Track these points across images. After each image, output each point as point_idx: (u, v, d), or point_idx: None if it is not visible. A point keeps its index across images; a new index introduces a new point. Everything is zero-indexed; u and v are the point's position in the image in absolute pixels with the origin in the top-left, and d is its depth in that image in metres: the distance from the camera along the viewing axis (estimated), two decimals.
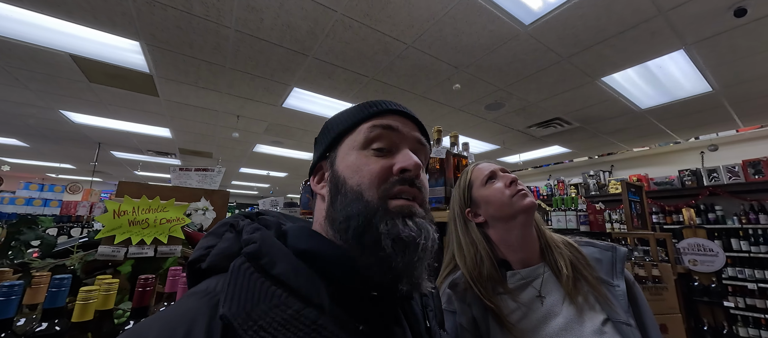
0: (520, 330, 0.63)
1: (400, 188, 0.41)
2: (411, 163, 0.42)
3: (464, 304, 0.68)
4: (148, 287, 0.66)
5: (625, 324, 0.61)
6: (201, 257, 0.38)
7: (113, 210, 0.83)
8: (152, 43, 2.35)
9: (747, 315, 3.68)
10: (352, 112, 0.47)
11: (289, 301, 0.31)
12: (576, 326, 0.62)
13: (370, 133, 0.43)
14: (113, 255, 0.81)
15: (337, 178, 0.42)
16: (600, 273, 0.68)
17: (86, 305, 0.60)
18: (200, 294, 0.32)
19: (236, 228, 0.40)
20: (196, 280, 0.37)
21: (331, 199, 0.42)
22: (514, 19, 2.06)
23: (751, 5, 1.87)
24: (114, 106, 3.62)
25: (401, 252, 0.37)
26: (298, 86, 3.03)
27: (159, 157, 6.19)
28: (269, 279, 0.32)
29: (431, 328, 0.45)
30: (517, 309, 0.66)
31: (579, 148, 4.98)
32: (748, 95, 3.05)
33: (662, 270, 2.33)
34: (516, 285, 0.69)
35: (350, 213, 0.39)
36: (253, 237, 0.36)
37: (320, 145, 0.48)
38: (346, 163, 0.43)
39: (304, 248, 0.37)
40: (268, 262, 0.33)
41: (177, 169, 2.52)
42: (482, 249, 0.72)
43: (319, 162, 0.48)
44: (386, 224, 0.38)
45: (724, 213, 4.06)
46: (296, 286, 0.32)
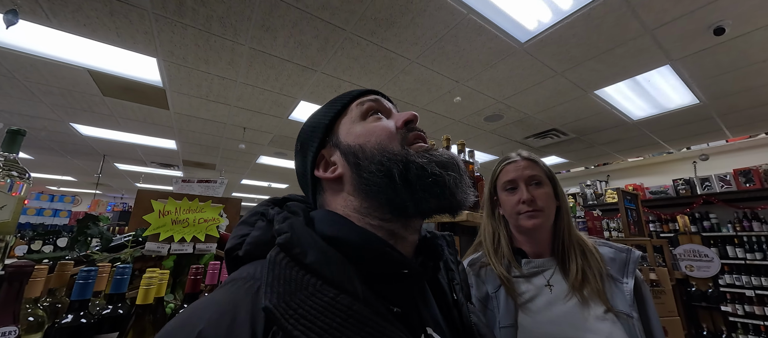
0: (529, 308, 0.71)
1: (413, 135, 0.45)
2: (411, 115, 0.46)
3: (480, 280, 0.77)
4: (198, 275, 0.75)
5: (626, 315, 0.66)
6: (237, 245, 0.40)
7: (158, 210, 0.92)
8: (169, 59, 2.48)
9: (747, 323, 3.73)
10: (332, 102, 0.50)
11: (324, 289, 0.32)
12: (580, 311, 0.68)
13: (363, 106, 0.47)
14: (158, 250, 0.89)
15: (353, 149, 0.44)
16: (611, 271, 0.74)
17: (149, 289, 0.68)
18: (241, 280, 0.34)
19: (267, 217, 0.41)
20: (235, 266, 0.39)
21: (356, 170, 0.43)
22: (511, 37, 2.21)
23: (728, 25, 2.03)
24: (124, 119, 3.72)
25: (448, 170, 0.41)
26: (305, 99, 3.15)
27: (162, 169, 6.25)
28: (303, 269, 0.33)
29: (458, 300, 0.46)
30: (528, 290, 0.74)
31: (575, 158, 5.12)
32: (735, 107, 3.20)
33: (659, 274, 2.41)
34: (529, 272, 0.77)
35: (387, 165, 0.41)
36: (284, 227, 0.37)
37: (312, 141, 0.48)
38: (356, 133, 0.45)
39: (332, 234, 0.38)
40: (300, 252, 0.34)
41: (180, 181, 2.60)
42: (502, 236, 0.82)
43: (318, 152, 0.48)
44: (422, 157, 0.42)
45: (719, 221, 4.16)
46: (329, 274, 0.33)
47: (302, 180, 0.51)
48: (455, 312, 0.45)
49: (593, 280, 0.72)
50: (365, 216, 0.42)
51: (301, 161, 0.51)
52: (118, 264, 0.70)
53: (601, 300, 0.69)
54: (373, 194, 0.42)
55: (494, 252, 0.79)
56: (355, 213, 0.43)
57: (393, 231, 0.42)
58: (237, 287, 0.33)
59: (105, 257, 0.77)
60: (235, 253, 0.40)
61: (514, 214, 0.79)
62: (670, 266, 2.70)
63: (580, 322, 0.67)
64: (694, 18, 1.99)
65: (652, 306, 0.73)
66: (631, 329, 0.65)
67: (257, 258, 0.38)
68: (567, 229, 0.79)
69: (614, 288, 0.72)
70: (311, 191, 0.49)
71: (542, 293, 0.74)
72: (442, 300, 0.45)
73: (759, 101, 3.07)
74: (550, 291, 0.74)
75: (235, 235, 0.42)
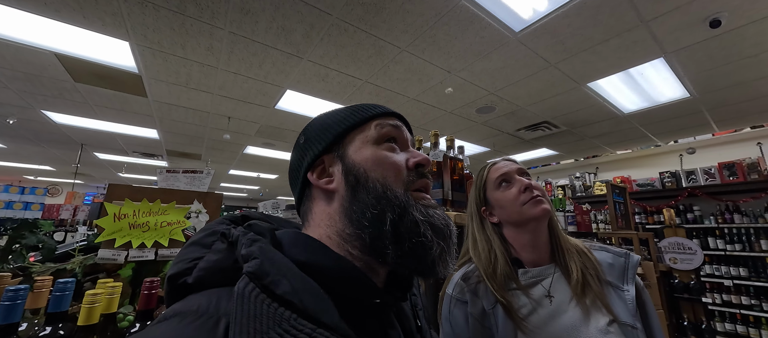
0: (529, 323, 0.66)
1: (421, 182, 0.43)
2: (425, 159, 0.43)
3: (476, 296, 0.71)
4: (153, 290, 0.67)
5: (630, 326, 0.62)
6: (185, 271, 0.34)
7: (113, 214, 0.83)
8: (143, 43, 2.32)
9: (724, 311, 3.86)
10: (353, 110, 0.46)
11: (299, 324, 0.28)
12: (582, 325, 0.64)
13: (383, 129, 0.44)
14: (114, 258, 0.80)
15: (356, 170, 0.41)
16: (611, 278, 0.70)
17: (92, 308, 0.60)
18: (190, 315, 0.28)
19: (228, 238, 0.36)
20: (179, 296, 0.33)
21: (351, 193, 0.40)
22: (505, 26, 2.12)
23: (724, 17, 1.99)
24: (100, 107, 3.53)
25: (439, 238, 0.38)
26: (292, 88, 3.03)
27: (145, 159, 6.04)
28: (276, 301, 0.29)
29: (422, 327, 0.45)
30: (526, 304, 0.69)
31: (566, 150, 5.13)
32: (723, 101, 3.21)
33: (645, 268, 2.43)
34: (527, 283, 0.72)
35: (383, 205, 0.38)
36: (252, 251, 0.32)
37: (317, 141, 0.45)
38: (364, 155, 0.42)
39: (305, 260, 0.35)
40: (272, 281, 0.30)
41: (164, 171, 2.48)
42: (497, 248, 0.75)
43: (320, 156, 0.44)
44: (420, 213, 0.39)
45: (702, 214, 4.25)
46: (304, 306, 0.30)
47: (293, 175, 0.48)
48: (419, 337, 0.44)
49: (594, 283, 0.68)
50: (346, 242, 0.39)
51: (298, 156, 0.46)
52: (60, 280, 0.62)
53: (603, 307, 0.65)
54: (360, 225, 0.38)
55: (492, 273, 0.72)
56: (337, 236, 0.40)
57: (369, 264, 0.40)
58: (185, 323, 0.28)
59: (48, 269, 0.69)
60: (182, 280, 0.34)
61: (518, 206, 0.74)
62: (655, 259, 2.73)
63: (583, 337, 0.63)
64: (691, 9, 1.93)
65: (655, 314, 0.69)
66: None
67: (211, 287, 0.32)
68: (559, 231, 0.77)
69: (615, 296, 0.67)
70: (299, 190, 0.46)
71: (542, 305, 0.69)
72: (407, 326, 0.43)
73: (748, 96, 3.08)
74: (549, 303, 0.69)
75: (183, 259, 0.36)
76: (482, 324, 0.69)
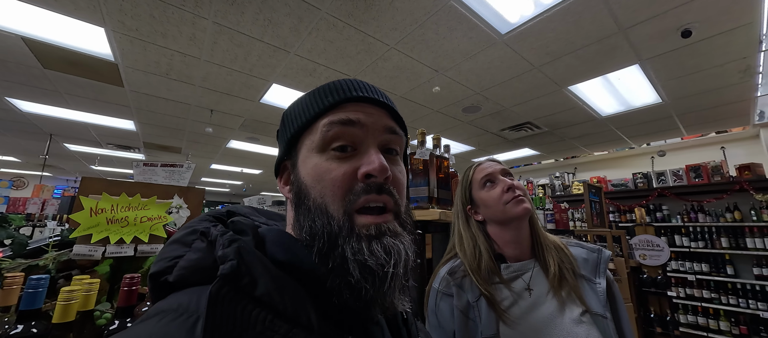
0: (510, 315, 0.70)
1: (367, 198, 0.35)
2: (375, 167, 0.35)
3: (461, 289, 0.74)
4: (133, 286, 0.65)
5: (601, 316, 0.68)
6: (167, 269, 0.33)
7: (90, 208, 0.80)
8: (120, 30, 2.21)
9: (687, 304, 4.13)
10: (307, 102, 0.40)
11: (276, 325, 0.28)
12: (558, 316, 0.69)
13: (327, 132, 0.37)
14: (90, 254, 0.78)
15: (300, 186, 0.38)
16: (585, 272, 0.75)
17: (68, 305, 0.58)
18: (171, 313, 0.28)
19: (208, 237, 0.35)
20: (162, 294, 0.33)
21: (296, 209, 0.38)
22: (492, 28, 2.16)
23: (695, 28, 2.11)
24: (71, 95, 3.34)
25: (369, 281, 0.33)
26: (278, 82, 2.97)
27: (120, 151, 5.77)
28: (252, 302, 0.29)
29: (408, 320, 0.44)
30: (508, 297, 0.73)
31: (547, 150, 5.30)
32: (692, 107, 3.41)
33: (617, 264, 2.56)
34: (509, 276, 0.76)
35: (315, 231, 0.35)
36: (228, 252, 0.31)
37: (281, 140, 0.43)
38: (307, 168, 0.38)
39: (284, 259, 0.34)
40: (248, 282, 0.29)
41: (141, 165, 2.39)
42: (481, 244, 0.78)
43: (282, 161, 0.42)
44: (352, 247, 0.33)
45: (670, 213, 4.51)
46: (282, 307, 0.29)
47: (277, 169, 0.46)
48: (404, 331, 0.43)
49: (569, 276, 0.73)
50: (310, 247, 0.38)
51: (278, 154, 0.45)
52: (33, 276, 0.59)
53: (577, 299, 0.70)
54: (307, 242, 0.36)
55: (477, 268, 0.76)
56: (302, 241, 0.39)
57: None
58: (166, 321, 0.28)
59: (19, 265, 0.66)
60: (163, 278, 0.33)
61: (501, 205, 0.78)
62: (627, 255, 2.88)
63: (559, 328, 0.67)
64: (665, 19, 2.04)
65: (623, 305, 0.75)
66: (605, 330, 0.67)
67: (193, 285, 0.32)
68: (539, 228, 0.81)
69: (588, 288, 0.73)
70: None
71: (522, 298, 0.73)
72: (393, 319, 0.42)
73: (714, 102, 3.28)
74: (529, 295, 0.73)
75: (164, 257, 0.35)
76: (467, 317, 0.72)
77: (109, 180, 1.65)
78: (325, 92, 0.40)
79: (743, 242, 3.82)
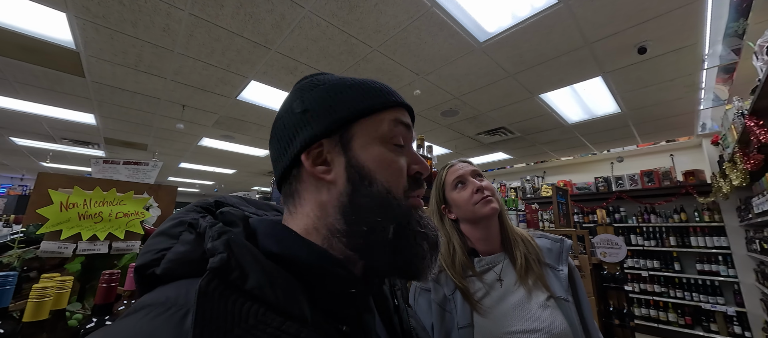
0: (483, 304, 0.76)
1: (419, 191, 0.42)
2: (426, 168, 0.43)
3: (438, 284, 0.80)
4: (113, 282, 0.62)
5: (564, 299, 0.75)
6: (153, 261, 0.33)
7: (60, 202, 0.75)
8: (84, 16, 2.06)
9: (641, 298, 4.50)
10: (366, 90, 0.41)
11: (267, 317, 0.28)
12: (526, 302, 0.75)
13: (395, 129, 0.41)
14: (60, 251, 0.73)
15: (361, 169, 0.38)
16: (549, 260, 0.82)
17: (41, 303, 0.55)
18: (158, 307, 0.28)
19: (197, 229, 0.35)
20: (149, 287, 0.32)
21: (352, 192, 0.38)
22: (471, 35, 2.26)
23: (650, 45, 2.33)
24: (22, 84, 3.05)
25: (432, 250, 0.39)
26: (257, 79, 2.90)
27: (77, 147, 5.33)
28: (242, 296, 0.28)
29: (399, 306, 0.45)
30: (481, 288, 0.78)
31: (519, 155, 5.57)
32: (646, 117, 3.74)
33: (581, 261, 2.75)
34: (481, 269, 0.81)
35: (387, 213, 0.37)
36: (217, 245, 0.31)
37: (318, 118, 0.39)
38: (373, 154, 0.39)
39: (278, 252, 0.34)
40: (239, 276, 0.29)
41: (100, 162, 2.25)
42: (455, 241, 0.84)
43: (318, 137, 0.39)
44: (419, 225, 0.39)
45: (626, 214, 4.90)
46: (273, 299, 0.29)
47: (280, 144, 0.41)
48: (396, 317, 0.44)
49: (535, 266, 0.79)
50: (333, 236, 0.38)
51: (292, 125, 0.40)
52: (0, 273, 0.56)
53: (543, 286, 0.77)
54: (356, 227, 0.37)
55: (452, 264, 0.81)
56: (325, 228, 0.38)
57: (351, 257, 0.39)
58: (153, 315, 0.27)
59: None
60: (149, 271, 0.33)
61: (471, 205, 0.82)
62: (589, 253, 3.10)
63: (527, 313, 0.74)
64: (625, 36, 2.23)
65: (583, 289, 0.83)
66: (567, 312, 0.74)
67: (181, 278, 0.32)
68: (508, 223, 0.86)
69: (552, 275, 0.80)
70: (285, 167, 0.40)
71: (494, 289, 0.78)
72: (384, 306, 0.44)
73: (664, 114, 3.62)
74: (500, 286, 0.79)
75: (150, 249, 0.35)
76: (444, 309, 0.77)
77: (71, 176, 1.54)
78: (383, 90, 0.42)
79: (688, 240, 4.23)
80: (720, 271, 3.95)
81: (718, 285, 4.00)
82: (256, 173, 7.41)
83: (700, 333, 3.96)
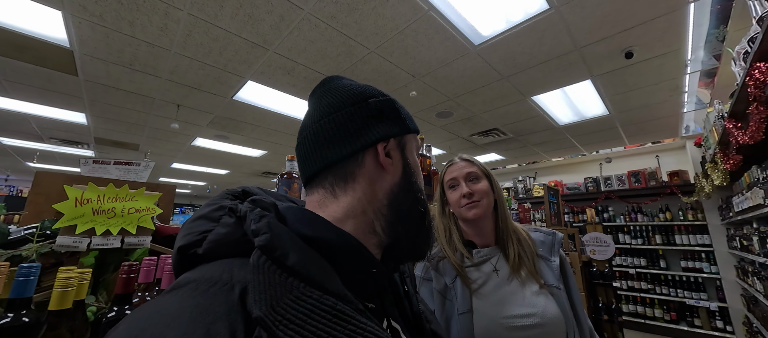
0: (481, 292, 0.81)
1: None
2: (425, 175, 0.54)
3: (438, 273, 0.85)
4: (133, 273, 0.65)
5: (556, 287, 0.81)
6: (196, 242, 0.36)
7: (75, 198, 0.77)
8: (80, 15, 2.06)
9: (628, 294, 4.63)
10: (408, 114, 0.52)
11: (308, 291, 0.31)
12: (520, 290, 0.81)
13: (418, 146, 0.54)
14: (75, 245, 0.75)
15: (410, 170, 0.48)
16: (542, 252, 0.88)
17: (66, 292, 0.57)
18: (205, 283, 0.30)
19: (236, 213, 0.38)
20: (188, 266, 0.35)
21: (405, 184, 0.47)
22: (467, 38, 2.32)
23: (636, 50, 2.43)
24: (12, 82, 3.00)
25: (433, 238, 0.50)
26: (254, 80, 2.91)
27: (66, 147, 5.22)
28: (286, 272, 0.31)
29: (409, 292, 0.51)
30: (479, 277, 0.84)
31: (511, 156, 5.67)
32: (632, 120, 3.87)
33: (572, 258, 2.84)
34: (479, 260, 0.87)
35: (422, 206, 0.47)
36: (261, 226, 0.34)
37: (392, 119, 0.47)
38: (414, 159, 0.50)
39: (311, 235, 0.37)
40: (281, 254, 0.32)
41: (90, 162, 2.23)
42: (454, 233, 0.91)
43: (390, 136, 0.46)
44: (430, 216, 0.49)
45: (615, 213, 5.05)
46: (311, 276, 0.32)
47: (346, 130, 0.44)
48: (406, 302, 0.49)
49: (527, 262, 0.85)
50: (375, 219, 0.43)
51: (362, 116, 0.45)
52: (23, 265, 0.58)
53: (535, 279, 0.82)
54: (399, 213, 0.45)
55: (448, 244, 0.88)
56: (371, 210, 0.43)
57: (372, 241, 0.44)
58: (202, 290, 0.29)
59: (1, 255, 0.62)
60: (192, 251, 0.36)
61: (458, 208, 0.90)
62: (579, 251, 3.19)
63: (521, 299, 0.79)
64: (612, 41, 2.33)
65: (573, 278, 0.90)
66: (559, 298, 0.80)
67: (221, 258, 0.34)
68: (504, 219, 0.91)
69: (545, 266, 0.86)
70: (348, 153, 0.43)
71: (491, 278, 0.84)
72: (395, 291, 0.48)
73: (650, 116, 3.76)
74: (496, 276, 0.84)
75: (191, 231, 0.37)
76: (445, 297, 0.82)
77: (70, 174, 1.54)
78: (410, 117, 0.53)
79: (673, 239, 4.39)
80: (703, 268, 4.11)
81: (702, 281, 4.16)
82: (250, 174, 7.36)
83: (685, 328, 4.10)
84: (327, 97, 0.47)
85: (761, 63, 1.49)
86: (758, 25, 1.47)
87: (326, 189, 0.44)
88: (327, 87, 0.49)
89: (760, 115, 1.64)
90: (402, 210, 0.45)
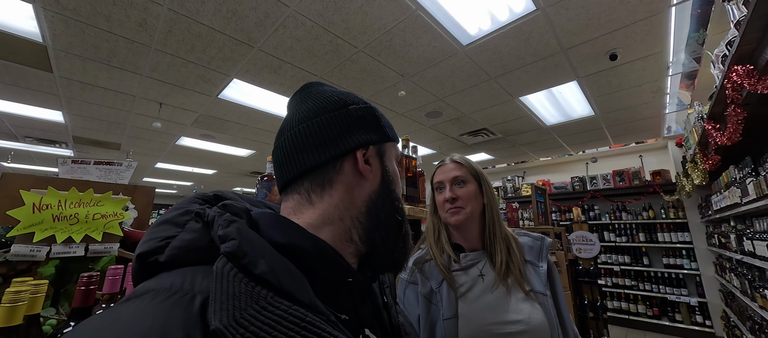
0: (467, 296, 0.79)
1: None
2: None
3: (424, 277, 0.83)
4: (92, 285, 0.61)
5: (542, 294, 0.80)
6: (157, 249, 0.34)
7: (33, 204, 0.72)
8: (53, 9, 1.96)
9: (613, 291, 4.74)
10: (388, 123, 0.51)
11: (275, 301, 0.29)
12: (506, 296, 0.79)
13: (398, 156, 0.53)
14: (32, 255, 0.70)
15: (389, 178, 0.47)
16: (530, 257, 0.86)
17: (15, 307, 0.53)
18: (164, 292, 0.28)
19: (204, 218, 0.35)
20: (148, 274, 0.33)
21: (383, 191, 0.46)
22: (454, 39, 2.32)
23: (620, 52, 2.47)
24: None
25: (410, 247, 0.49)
26: (240, 78, 2.84)
27: (42, 146, 5.01)
28: (253, 280, 0.30)
29: (387, 302, 0.49)
30: (465, 282, 0.82)
31: (500, 155, 5.73)
32: (617, 120, 3.95)
33: (558, 257, 2.87)
34: (466, 264, 0.85)
35: (400, 215, 0.47)
36: (229, 231, 0.32)
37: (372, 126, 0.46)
38: (393, 167, 0.49)
39: (283, 242, 0.36)
40: (250, 261, 0.30)
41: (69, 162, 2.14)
42: (442, 234, 0.89)
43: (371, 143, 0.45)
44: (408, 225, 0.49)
45: (600, 212, 5.15)
46: (281, 285, 0.30)
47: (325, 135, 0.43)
48: (385, 313, 0.47)
49: (515, 270, 0.83)
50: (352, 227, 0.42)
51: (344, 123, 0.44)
52: None
53: (523, 282, 0.81)
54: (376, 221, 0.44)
55: (436, 244, 0.87)
56: (347, 217, 0.42)
57: (348, 249, 0.42)
58: (160, 300, 0.27)
59: None
60: (153, 258, 0.33)
61: (443, 212, 0.89)
62: (566, 249, 3.24)
63: (507, 305, 0.78)
64: (597, 43, 2.36)
65: (560, 284, 0.88)
66: (545, 305, 0.79)
67: (185, 266, 0.32)
68: (492, 225, 0.88)
69: (532, 271, 0.85)
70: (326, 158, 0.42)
71: (477, 283, 0.82)
72: (374, 302, 0.46)
73: (633, 117, 3.84)
74: (482, 281, 0.83)
75: (154, 237, 0.35)
76: (430, 302, 0.81)
77: (41, 176, 1.46)
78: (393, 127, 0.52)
79: (656, 236, 4.50)
80: (684, 265, 4.23)
81: (682, 277, 4.28)
82: (237, 174, 7.22)
83: (666, 322, 4.22)
84: (307, 101, 0.46)
85: (738, 66, 1.53)
86: (736, 29, 1.50)
87: (302, 195, 0.42)
88: (307, 92, 0.48)
89: (737, 116, 1.69)
90: (380, 218, 0.44)
